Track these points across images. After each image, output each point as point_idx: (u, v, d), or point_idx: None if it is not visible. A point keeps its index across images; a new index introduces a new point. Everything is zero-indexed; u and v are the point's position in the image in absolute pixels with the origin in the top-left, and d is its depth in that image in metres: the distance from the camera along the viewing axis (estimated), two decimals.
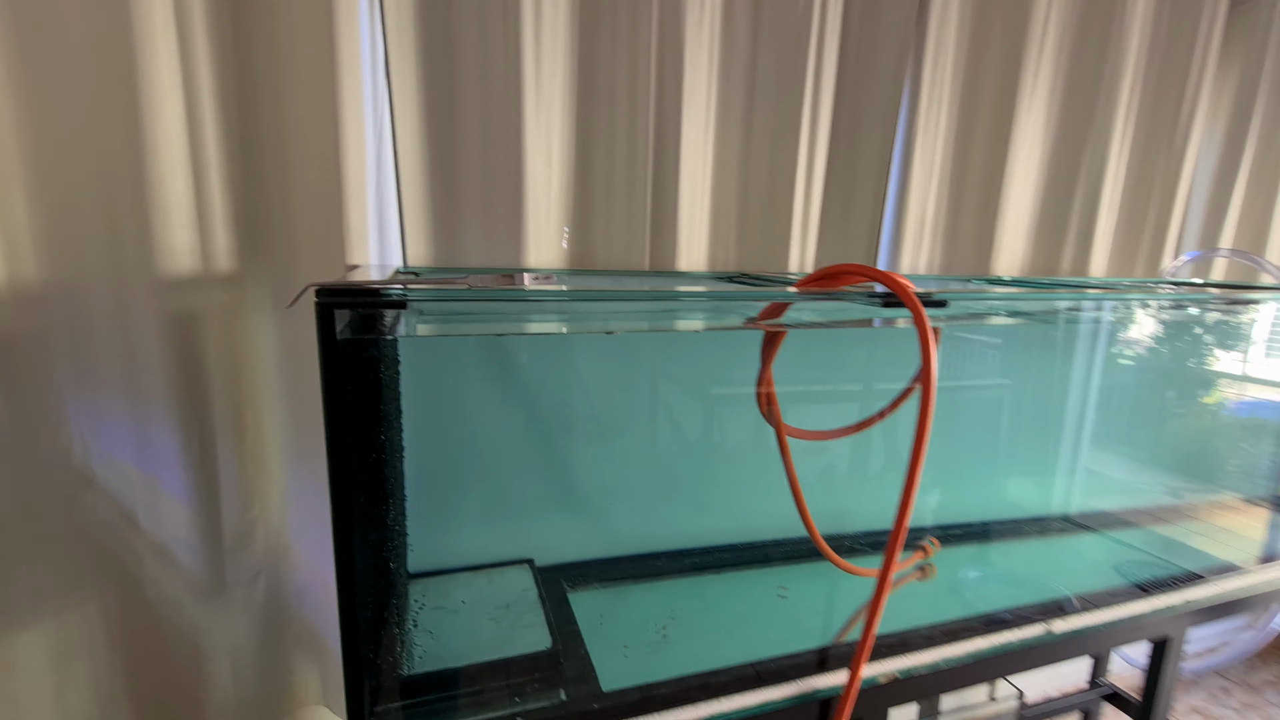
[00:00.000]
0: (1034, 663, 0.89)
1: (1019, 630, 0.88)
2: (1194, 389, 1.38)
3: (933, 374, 0.66)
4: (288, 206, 0.90)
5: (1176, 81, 1.44)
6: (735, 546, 0.94)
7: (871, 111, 1.19)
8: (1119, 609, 0.93)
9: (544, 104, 0.98)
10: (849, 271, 0.75)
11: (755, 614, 0.81)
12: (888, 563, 0.70)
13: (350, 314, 0.51)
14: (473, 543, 0.87)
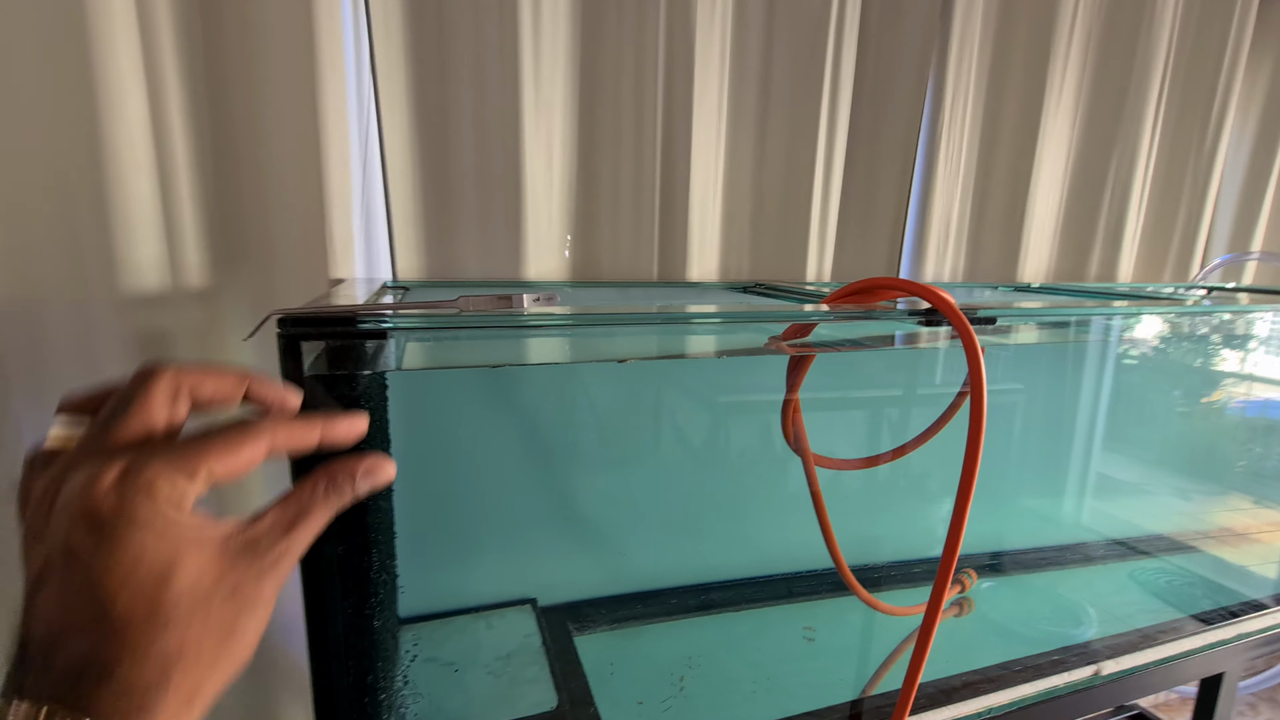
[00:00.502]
0: (1084, 710, 0.82)
1: (1066, 674, 0.81)
2: (1227, 395, 1.30)
3: (983, 399, 0.59)
4: (265, 215, 0.83)
5: (1208, 79, 1.37)
6: (754, 581, 0.87)
7: (893, 110, 1.12)
8: (1176, 644, 0.86)
9: (544, 102, 0.91)
10: (885, 286, 0.68)
11: (782, 660, 0.74)
12: (933, 608, 0.63)
13: (322, 345, 0.44)
14: (471, 582, 0.80)
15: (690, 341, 0.56)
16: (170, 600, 0.22)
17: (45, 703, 0.21)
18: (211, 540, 0.25)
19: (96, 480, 0.22)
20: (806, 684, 0.71)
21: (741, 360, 0.90)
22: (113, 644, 0.21)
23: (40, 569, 0.22)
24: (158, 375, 0.27)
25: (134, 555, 0.22)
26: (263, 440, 0.27)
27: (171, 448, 0.24)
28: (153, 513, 0.23)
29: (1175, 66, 1.33)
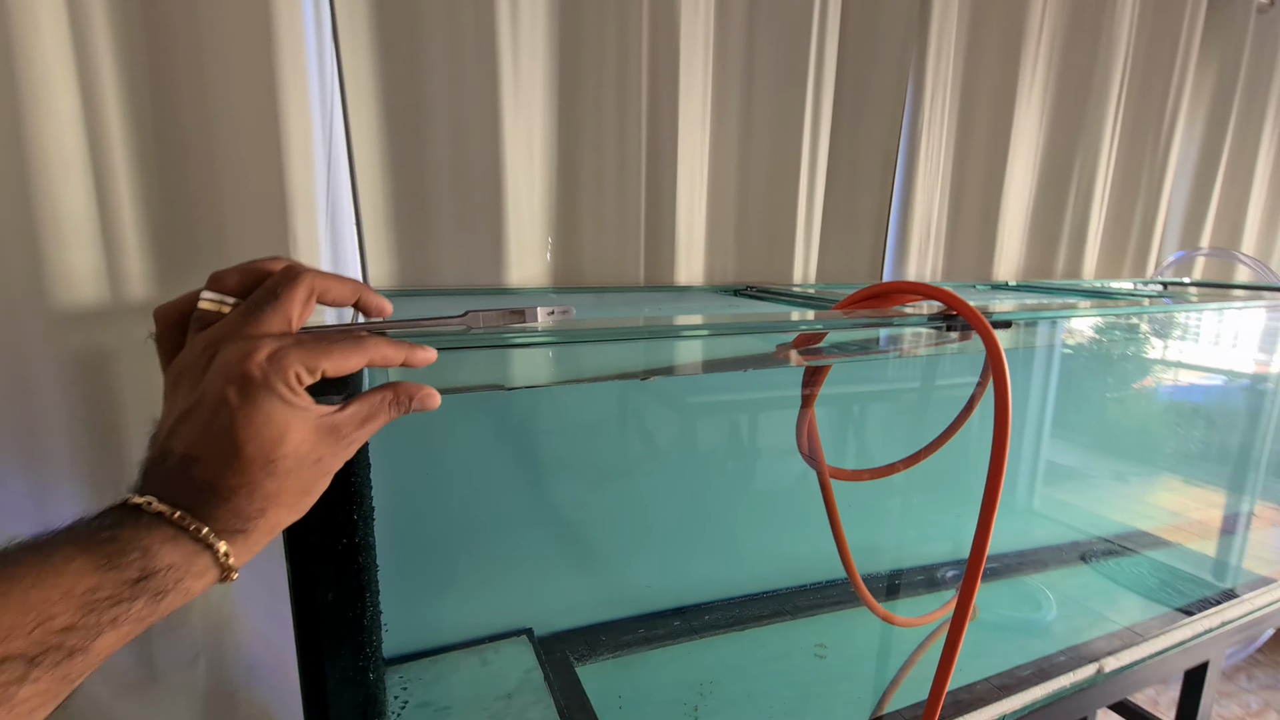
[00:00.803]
0: (1091, 705, 0.82)
1: (1071, 675, 0.81)
2: (1157, 382, 1.34)
3: (1008, 402, 0.57)
4: (218, 219, 0.75)
5: (1161, 80, 1.41)
6: (758, 597, 0.84)
7: (874, 111, 1.11)
8: (1168, 636, 0.88)
9: (524, 96, 0.85)
10: (899, 290, 0.65)
11: (796, 680, 0.71)
12: (959, 619, 0.61)
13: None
14: (459, 615, 0.74)
15: (705, 353, 0.52)
16: (279, 456, 0.30)
17: (180, 508, 0.28)
18: (311, 419, 0.31)
19: (252, 355, 0.29)
20: (825, 704, 0.68)
21: (737, 373, 0.87)
22: (235, 477, 0.29)
23: (192, 403, 0.29)
24: (299, 279, 0.33)
25: (264, 416, 0.29)
26: (365, 354, 0.34)
27: (304, 343, 0.31)
28: (284, 390, 0.30)
29: (1132, 71, 1.37)
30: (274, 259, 0.35)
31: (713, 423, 0.88)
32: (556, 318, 0.46)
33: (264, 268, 0.34)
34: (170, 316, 0.35)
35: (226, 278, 0.34)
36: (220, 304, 0.33)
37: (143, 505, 0.28)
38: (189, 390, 0.30)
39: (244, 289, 0.34)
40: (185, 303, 0.35)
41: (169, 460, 0.29)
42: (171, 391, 0.32)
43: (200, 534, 0.28)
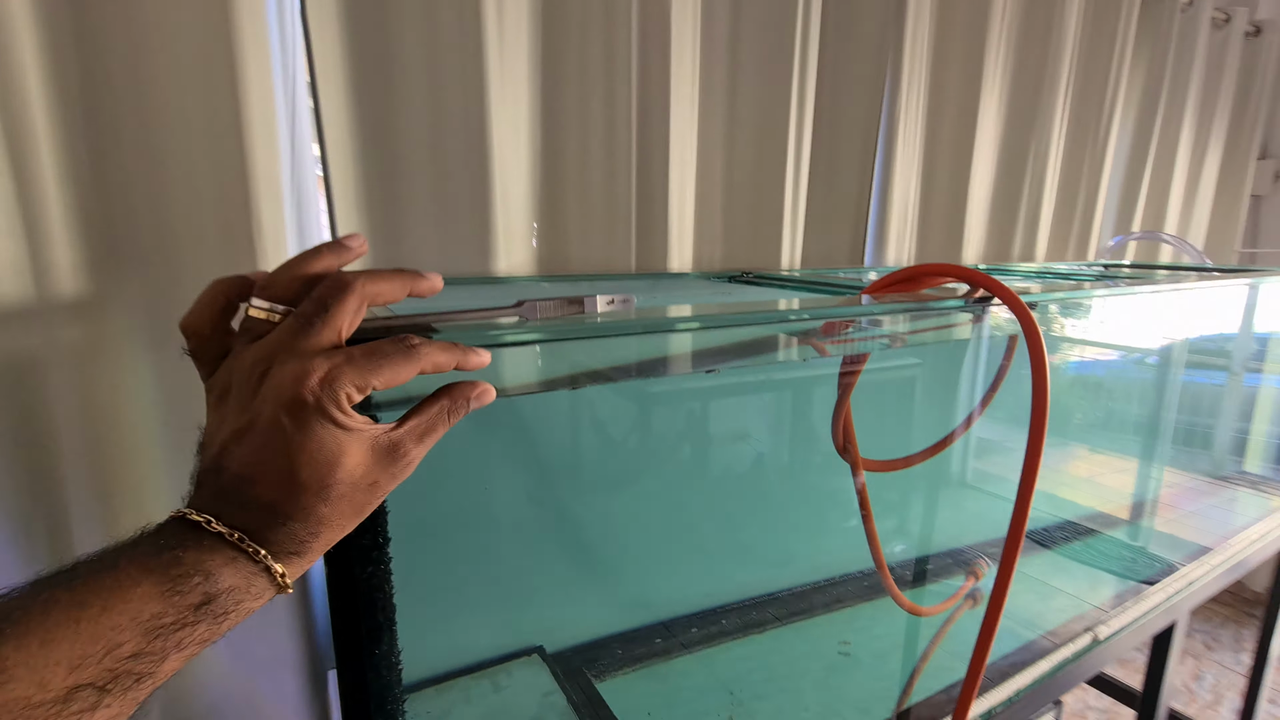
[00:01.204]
0: (1083, 674, 0.85)
1: (1072, 644, 0.83)
2: (1064, 359, 1.40)
3: (1046, 383, 0.57)
4: (163, 202, 0.64)
5: (1101, 70, 1.48)
6: (775, 597, 0.81)
7: (854, 90, 1.10)
8: (1144, 602, 0.92)
9: (509, 68, 0.78)
10: (930, 273, 0.64)
11: (825, 681, 0.69)
12: (994, 608, 0.60)
13: None
14: (464, 635, 0.67)
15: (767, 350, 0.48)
16: (334, 480, 0.29)
17: (239, 529, 0.28)
18: (366, 440, 0.30)
19: (304, 378, 0.28)
20: (860, 703, 0.66)
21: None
22: (291, 501, 0.29)
23: (245, 424, 0.29)
24: (350, 290, 0.31)
25: (317, 442, 0.28)
26: (417, 364, 0.32)
27: (355, 360, 0.30)
28: (337, 413, 0.29)
29: (1078, 63, 1.42)
30: (317, 255, 0.32)
31: (716, 420, 0.85)
32: (617, 307, 0.41)
33: (310, 271, 0.32)
34: (200, 328, 0.33)
35: (275, 283, 0.32)
36: (270, 312, 0.31)
37: (203, 523, 0.28)
38: (241, 408, 0.29)
39: (294, 295, 0.31)
40: (211, 310, 0.33)
41: (223, 477, 0.29)
42: (218, 404, 0.31)
43: (259, 557, 0.28)
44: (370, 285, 0.31)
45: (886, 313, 0.55)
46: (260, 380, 0.29)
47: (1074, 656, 0.85)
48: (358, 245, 0.33)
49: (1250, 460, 1.46)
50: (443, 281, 0.36)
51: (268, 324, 0.31)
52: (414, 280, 0.34)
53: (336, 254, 0.32)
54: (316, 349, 0.29)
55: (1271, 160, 2.15)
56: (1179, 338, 1.26)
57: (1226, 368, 1.38)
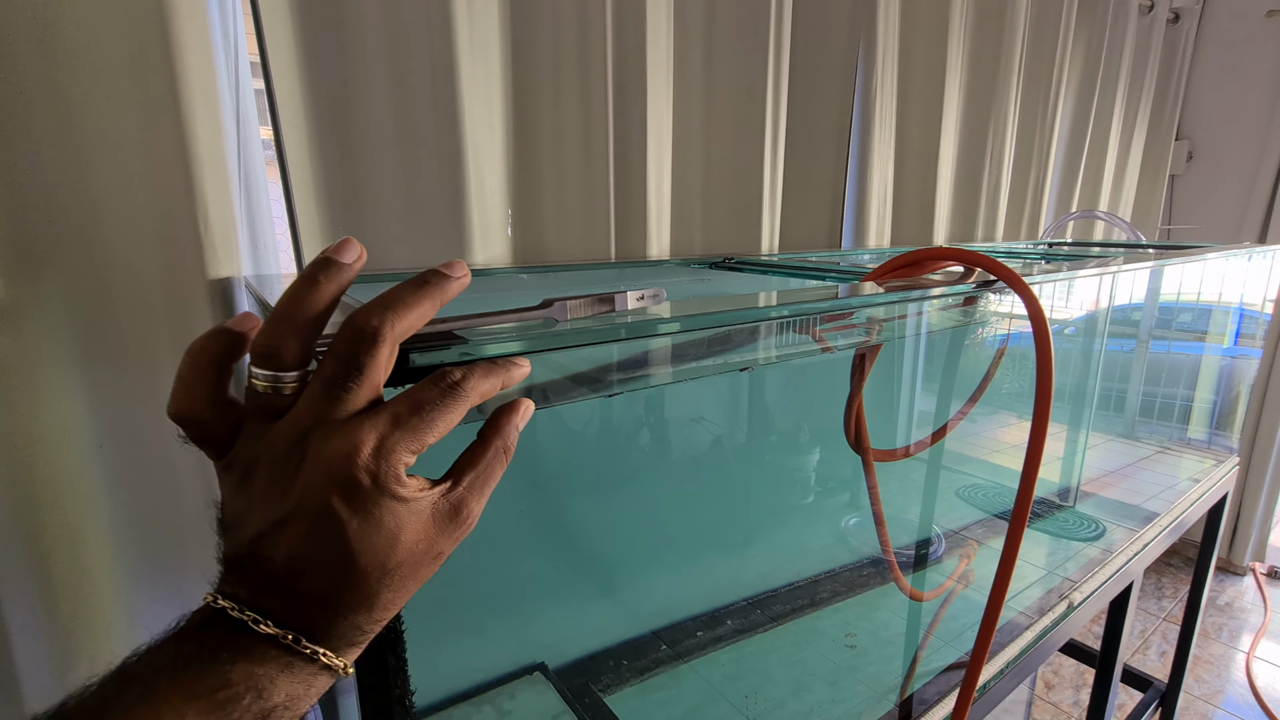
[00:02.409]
0: (1058, 641, 0.88)
1: (1051, 614, 0.86)
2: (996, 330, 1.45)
3: (1050, 366, 0.57)
4: (87, 195, 0.56)
5: (1047, 55, 1.52)
6: (775, 593, 0.80)
7: (827, 74, 1.08)
8: (1112, 564, 0.96)
9: (480, 41, 0.72)
10: (934, 257, 0.62)
11: (835, 676, 0.68)
12: (999, 590, 0.60)
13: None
14: (462, 655, 0.62)
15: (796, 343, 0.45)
16: (396, 562, 0.26)
17: (292, 628, 0.25)
18: (425, 509, 0.27)
19: (355, 455, 0.25)
20: (874, 692, 0.65)
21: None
22: (352, 592, 0.25)
23: (288, 512, 0.25)
24: (380, 340, 0.26)
25: (376, 522, 0.25)
26: (466, 403, 0.28)
27: (403, 422, 0.26)
28: (398, 488, 0.26)
29: (1028, 48, 1.45)
30: (313, 286, 0.26)
31: (704, 418, 0.82)
32: (648, 302, 0.38)
33: (313, 313, 0.26)
34: (197, 413, 0.27)
35: (274, 342, 0.26)
36: (279, 383, 0.26)
37: (249, 623, 0.24)
38: (279, 495, 0.25)
39: (303, 350, 0.26)
40: (203, 389, 0.27)
41: (265, 566, 0.25)
42: (242, 484, 0.26)
43: (317, 656, 0.25)
44: (400, 322, 0.26)
45: (908, 300, 0.53)
46: (299, 463, 0.25)
47: (1053, 624, 0.88)
48: (354, 256, 0.27)
49: (1193, 427, 1.55)
50: (469, 272, 0.30)
51: (281, 396, 0.26)
52: (442, 289, 0.28)
53: (334, 276, 0.26)
54: (354, 411, 0.25)
55: (1185, 141, 2.29)
56: (1102, 310, 1.32)
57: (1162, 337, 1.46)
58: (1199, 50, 2.13)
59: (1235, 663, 2.04)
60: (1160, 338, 1.41)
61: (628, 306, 0.37)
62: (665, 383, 0.41)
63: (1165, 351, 1.46)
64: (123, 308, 0.58)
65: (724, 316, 0.37)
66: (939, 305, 0.66)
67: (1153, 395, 1.48)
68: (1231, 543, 2.45)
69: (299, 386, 0.26)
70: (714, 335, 0.42)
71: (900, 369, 0.80)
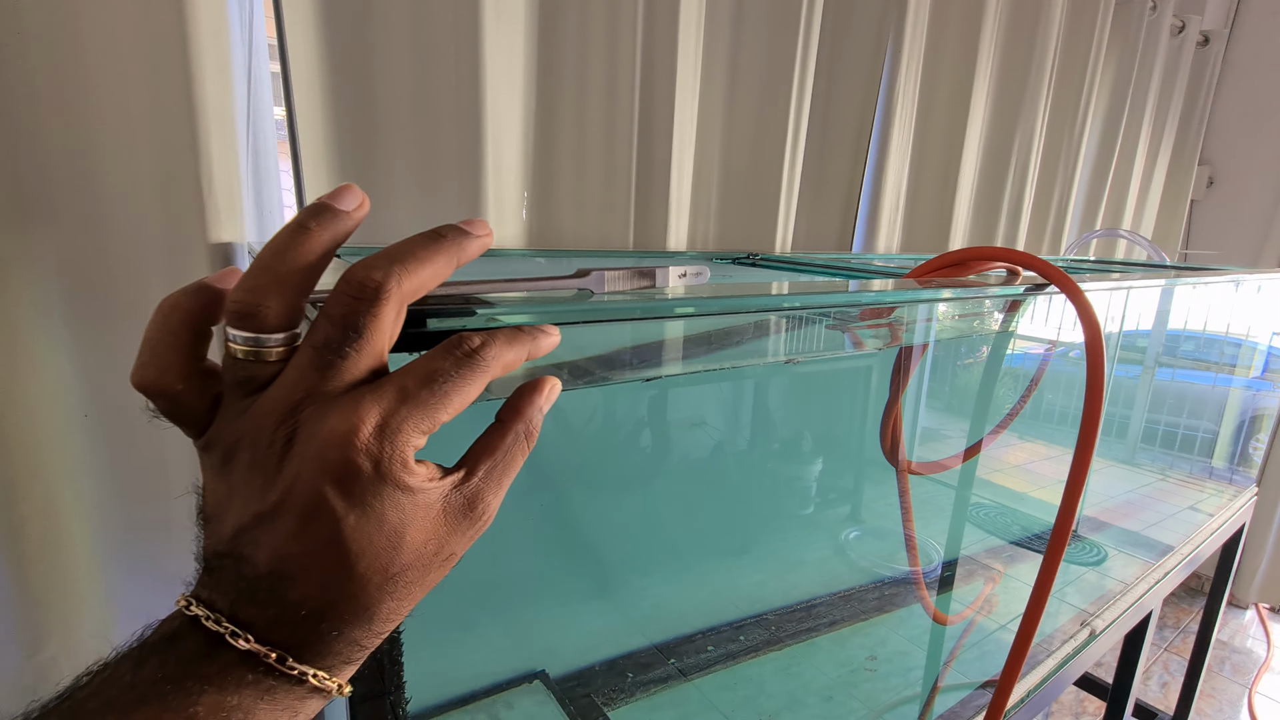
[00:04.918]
0: (1077, 671, 0.84)
1: (1073, 640, 0.82)
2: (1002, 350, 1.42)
3: (1101, 374, 0.53)
4: (82, 143, 0.52)
5: (1078, 69, 1.49)
6: (792, 610, 0.76)
7: (853, 75, 1.05)
8: (1129, 595, 0.92)
9: (506, 21, 0.69)
10: (980, 257, 0.59)
11: (855, 703, 0.64)
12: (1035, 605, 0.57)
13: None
14: (457, 660, 0.59)
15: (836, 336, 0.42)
16: (400, 565, 0.22)
17: (279, 645, 0.21)
18: (435, 502, 0.23)
19: (352, 435, 0.20)
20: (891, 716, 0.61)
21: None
22: (348, 603, 0.21)
23: (273, 504, 0.21)
24: (383, 298, 0.21)
25: (378, 518, 0.21)
26: (487, 375, 0.24)
27: (411, 396, 0.22)
28: (404, 475, 0.21)
29: (1060, 60, 1.42)
30: (304, 235, 0.22)
31: (726, 424, 0.79)
32: (689, 280, 0.34)
33: (303, 263, 0.22)
34: (166, 383, 0.22)
35: (255, 297, 0.21)
36: (261, 348, 0.22)
37: (226, 637, 0.20)
38: (263, 483, 0.21)
39: (290, 309, 0.22)
40: (174, 355, 0.23)
41: (246, 568, 0.21)
42: (223, 468, 0.22)
43: (305, 678, 0.21)
44: (409, 279, 0.22)
45: (963, 299, 0.49)
46: (286, 445, 0.21)
47: (1074, 653, 0.84)
48: (355, 203, 0.23)
49: (1216, 458, 1.52)
50: (492, 232, 0.26)
51: (265, 364, 0.22)
52: (460, 247, 0.24)
53: (328, 224, 0.22)
54: (353, 383, 0.21)
55: (1206, 166, 2.26)
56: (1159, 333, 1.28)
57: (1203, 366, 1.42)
58: (1225, 75, 2.10)
59: (1238, 698, 2.00)
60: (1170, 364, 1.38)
61: (669, 283, 0.34)
62: (696, 371, 0.38)
63: (1206, 383, 1.43)
64: (117, 266, 0.55)
65: (776, 299, 0.34)
66: (989, 308, 0.62)
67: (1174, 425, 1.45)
68: (1237, 576, 2.41)
69: (286, 353, 0.22)
70: (756, 323, 0.38)
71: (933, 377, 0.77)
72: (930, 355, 0.78)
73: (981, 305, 0.59)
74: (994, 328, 0.68)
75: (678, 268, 0.34)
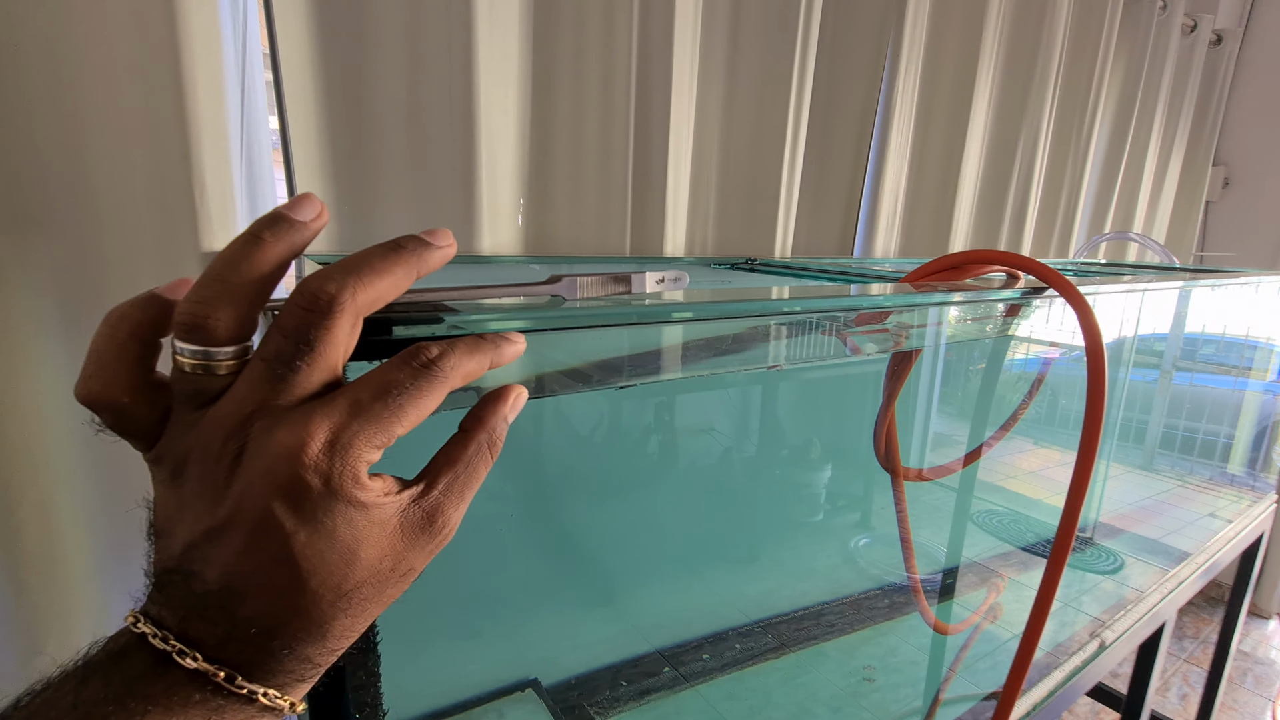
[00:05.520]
0: (1085, 685, 0.82)
1: (1081, 653, 0.80)
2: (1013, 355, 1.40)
3: (1103, 381, 0.52)
4: (82, 158, 0.53)
5: (1086, 69, 1.47)
6: (789, 618, 0.75)
7: (852, 76, 1.04)
8: (1143, 605, 0.90)
9: (500, 19, 0.69)
10: (978, 260, 0.58)
11: (851, 711, 0.63)
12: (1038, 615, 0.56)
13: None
14: (446, 669, 0.58)
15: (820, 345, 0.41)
16: (353, 582, 0.22)
17: (228, 663, 0.20)
18: (391, 517, 0.22)
19: (300, 451, 0.20)
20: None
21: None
22: (300, 620, 0.21)
23: (222, 520, 0.20)
24: (336, 310, 0.21)
25: (329, 534, 0.21)
26: (446, 386, 0.23)
27: (365, 409, 0.21)
28: (354, 490, 0.21)
29: (1066, 61, 1.41)
30: (257, 245, 0.21)
31: (721, 423, 0.78)
32: (668, 286, 0.34)
33: (256, 274, 0.21)
34: (112, 397, 0.22)
35: (205, 309, 0.21)
36: (211, 361, 0.21)
37: (173, 655, 0.20)
38: (212, 499, 0.21)
39: (241, 322, 0.21)
40: (120, 368, 0.22)
41: (195, 584, 0.20)
42: (172, 481, 0.22)
43: (255, 697, 0.21)
44: (365, 291, 0.21)
45: (958, 303, 0.49)
46: (236, 460, 0.20)
47: (1083, 664, 0.83)
48: (313, 214, 0.22)
49: (1237, 464, 1.49)
50: (454, 243, 0.25)
51: (214, 377, 0.21)
52: (420, 258, 0.23)
53: (284, 234, 0.21)
54: (304, 397, 0.21)
55: (1222, 167, 2.22)
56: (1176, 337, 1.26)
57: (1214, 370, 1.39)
58: (1239, 74, 2.07)
59: (1260, 711, 1.94)
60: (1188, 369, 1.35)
61: (645, 289, 0.33)
62: (676, 377, 0.37)
63: (1219, 386, 1.40)
64: (112, 275, 0.55)
65: (753, 305, 0.33)
66: (983, 312, 0.61)
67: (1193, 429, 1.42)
68: (1258, 585, 2.36)
69: (237, 365, 0.21)
70: (740, 332, 0.38)
71: (931, 382, 0.76)
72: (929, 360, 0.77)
73: (977, 309, 0.58)
74: (994, 332, 0.67)
75: (655, 273, 0.33)
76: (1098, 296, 0.65)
